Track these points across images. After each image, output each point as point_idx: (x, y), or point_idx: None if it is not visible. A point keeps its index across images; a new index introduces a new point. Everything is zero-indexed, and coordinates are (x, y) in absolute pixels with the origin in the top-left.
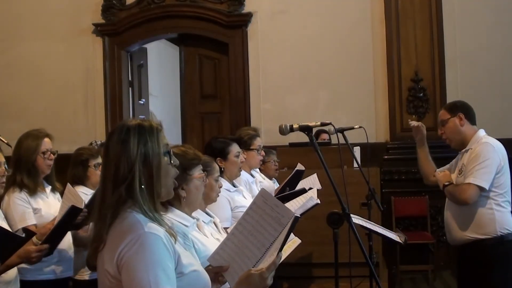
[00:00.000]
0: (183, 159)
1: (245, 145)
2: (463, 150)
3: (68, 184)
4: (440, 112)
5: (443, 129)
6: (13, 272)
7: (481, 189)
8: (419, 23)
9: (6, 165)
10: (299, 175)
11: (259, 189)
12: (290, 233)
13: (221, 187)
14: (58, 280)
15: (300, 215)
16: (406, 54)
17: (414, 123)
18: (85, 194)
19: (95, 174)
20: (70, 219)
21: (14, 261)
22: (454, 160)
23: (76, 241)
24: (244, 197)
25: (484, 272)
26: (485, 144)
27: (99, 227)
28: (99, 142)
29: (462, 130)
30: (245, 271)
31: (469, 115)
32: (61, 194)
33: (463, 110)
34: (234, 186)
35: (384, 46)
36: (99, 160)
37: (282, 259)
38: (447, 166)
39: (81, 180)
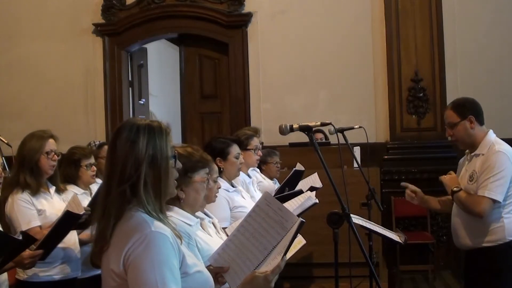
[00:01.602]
0: (187, 160)
1: (242, 145)
2: (473, 154)
3: (75, 195)
4: (447, 113)
5: (451, 132)
6: (4, 274)
7: (495, 202)
8: (419, 23)
9: (6, 166)
10: (299, 175)
11: (256, 189)
12: (296, 237)
13: (219, 187)
14: (64, 281)
15: (299, 214)
16: (406, 54)
17: (407, 188)
18: (75, 193)
19: (87, 174)
20: (66, 224)
21: (8, 264)
22: (461, 161)
23: (80, 243)
24: (243, 197)
25: (492, 278)
26: (499, 153)
27: (103, 226)
28: (97, 143)
29: (472, 133)
30: (245, 273)
31: (479, 117)
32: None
33: (473, 112)
34: (233, 186)
35: (384, 46)
36: (92, 160)
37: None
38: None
39: (72, 179)
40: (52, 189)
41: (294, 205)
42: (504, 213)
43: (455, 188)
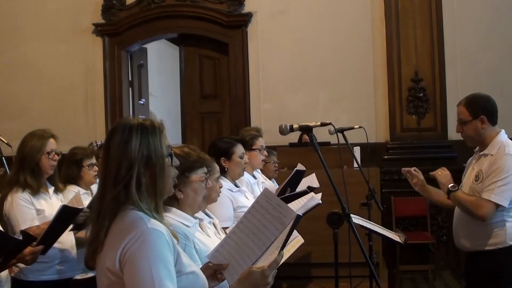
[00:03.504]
0: (184, 161)
1: (247, 145)
2: (481, 153)
3: (77, 193)
4: (460, 108)
5: (462, 128)
6: (5, 271)
7: (499, 206)
8: (419, 23)
9: (4, 162)
10: (300, 176)
11: (261, 190)
12: (292, 232)
13: (221, 187)
14: (60, 281)
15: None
16: (406, 54)
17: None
18: (77, 192)
19: (89, 174)
20: (63, 219)
21: (11, 261)
22: (469, 160)
23: (76, 242)
24: (246, 198)
25: (492, 282)
26: (508, 156)
27: (98, 228)
28: (99, 143)
29: (482, 133)
30: (243, 269)
31: (492, 117)
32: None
33: (486, 112)
34: (237, 186)
35: (384, 46)
36: (93, 160)
37: (285, 258)
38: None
39: (74, 179)
40: (51, 189)
41: (297, 206)
42: (507, 216)
43: (451, 187)
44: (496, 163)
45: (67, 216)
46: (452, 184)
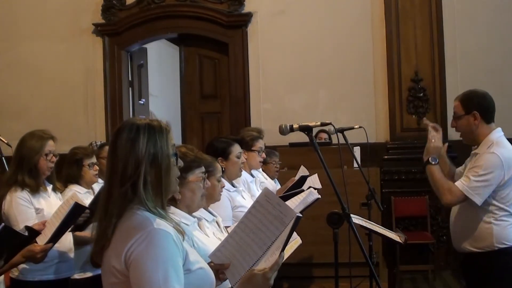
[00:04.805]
0: (182, 161)
1: (247, 146)
2: (473, 152)
3: (74, 193)
4: (455, 103)
5: (456, 123)
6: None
7: (468, 199)
8: (419, 23)
9: (4, 161)
10: (303, 181)
11: (259, 188)
12: (292, 233)
13: (223, 187)
14: (58, 281)
15: (302, 210)
16: (406, 54)
17: (428, 123)
18: (79, 193)
19: (89, 173)
20: (73, 217)
21: (18, 260)
22: (467, 160)
23: (75, 241)
24: (243, 198)
25: (485, 285)
26: (492, 155)
27: (105, 225)
28: (99, 143)
29: (474, 130)
30: (245, 268)
31: (485, 114)
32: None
33: (480, 108)
34: (234, 186)
35: (384, 46)
36: (94, 159)
37: (284, 259)
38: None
39: (75, 179)
40: (50, 187)
41: (296, 202)
42: (494, 219)
43: (431, 159)
44: (478, 160)
45: (76, 213)
46: (433, 157)
